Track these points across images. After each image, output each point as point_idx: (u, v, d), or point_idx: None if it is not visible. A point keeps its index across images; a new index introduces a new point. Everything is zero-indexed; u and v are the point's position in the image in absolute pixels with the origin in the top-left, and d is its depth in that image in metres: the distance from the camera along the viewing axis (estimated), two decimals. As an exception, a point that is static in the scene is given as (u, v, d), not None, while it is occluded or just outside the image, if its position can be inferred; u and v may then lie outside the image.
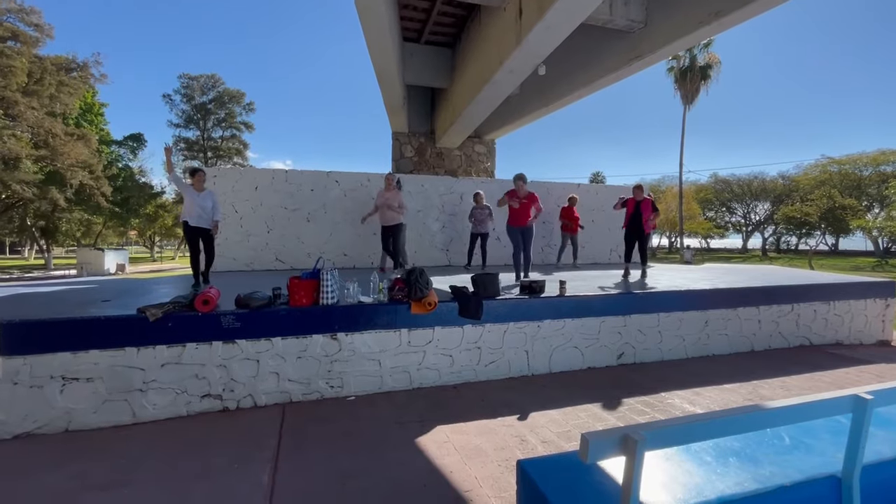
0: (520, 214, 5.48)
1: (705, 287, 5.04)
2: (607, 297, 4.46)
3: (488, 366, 3.98)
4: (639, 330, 4.51)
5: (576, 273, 6.86)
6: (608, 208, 9.09)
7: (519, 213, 5.48)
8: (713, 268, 8.70)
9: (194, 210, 4.89)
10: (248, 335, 3.35)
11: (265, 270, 7.26)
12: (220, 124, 34.26)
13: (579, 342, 4.29)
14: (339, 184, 7.73)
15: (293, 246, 7.52)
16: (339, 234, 7.70)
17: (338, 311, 3.56)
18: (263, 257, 7.39)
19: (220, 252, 5.17)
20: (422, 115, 13.93)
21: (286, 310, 3.46)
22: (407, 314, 3.70)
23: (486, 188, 8.35)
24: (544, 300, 4.20)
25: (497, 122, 13.02)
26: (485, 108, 9.85)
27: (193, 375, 3.25)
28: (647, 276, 6.12)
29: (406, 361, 3.73)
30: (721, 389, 3.76)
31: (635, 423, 1.24)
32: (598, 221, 9.23)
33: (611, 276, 6.30)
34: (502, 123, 12.94)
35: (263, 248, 7.40)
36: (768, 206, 34.96)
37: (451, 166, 14.18)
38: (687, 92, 25.47)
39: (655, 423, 1.18)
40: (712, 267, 9.09)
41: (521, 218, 5.49)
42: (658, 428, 1.14)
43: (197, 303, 3.26)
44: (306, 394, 3.49)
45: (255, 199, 7.31)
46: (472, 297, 3.90)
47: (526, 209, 5.48)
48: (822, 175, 30.22)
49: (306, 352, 3.49)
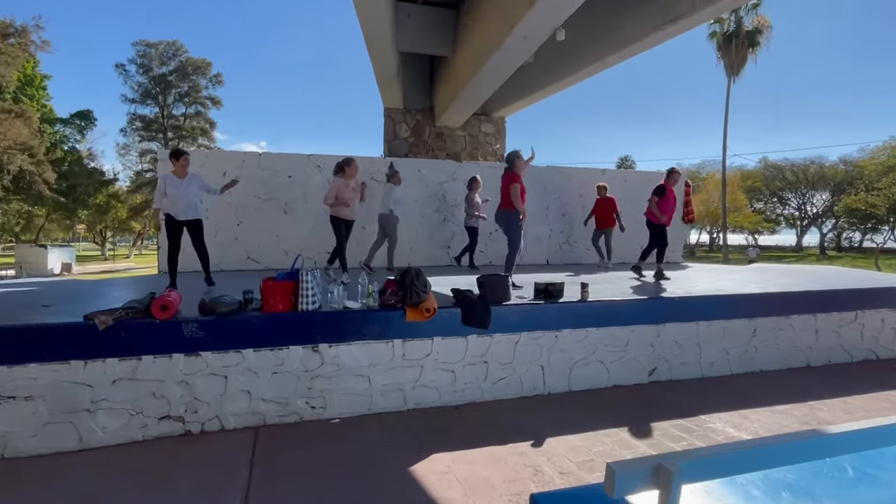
0: None
1: (753, 291, 5.03)
2: (637, 302, 4.47)
3: (497, 383, 4.00)
4: (674, 341, 4.52)
5: (601, 275, 6.88)
6: (639, 199, 9.03)
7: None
8: (763, 268, 8.69)
9: (181, 201, 4.95)
10: (214, 346, 3.35)
11: (235, 271, 7.29)
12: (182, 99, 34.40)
13: (604, 355, 4.30)
14: (321, 169, 7.74)
15: (268, 242, 7.55)
16: (321, 228, 7.68)
17: (320, 319, 3.57)
18: (232, 255, 7.42)
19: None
20: (419, 88, 13.93)
21: (259, 317, 3.47)
22: (401, 322, 3.71)
23: (494, 174, 8.32)
24: (563, 306, 4.21)
25: (507, 97, 13.01)
26: (493, 80, 9.84)
27: (150, 393, 3.26)
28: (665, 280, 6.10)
29: (400, 378, 3.74)
30: (771, 411, 3.77)
31: (670, 451, 1.23)
32: (628, 214, 9.23)
33: (639, 279, 6.31)
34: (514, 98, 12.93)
35: (232, 244, 7.43)
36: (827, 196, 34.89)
37: (453, 148, 14.19)
38: (732, 61, 25.42)
39: (694, 452, 1.17)
40: (761, 267, 9.08)
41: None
42: (697, 457, 1.13)
43: (154, 308, 3.26)
44: (283, 415, 3.50)
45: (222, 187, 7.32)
46: (478, 302, 3.90)
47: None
48: (891, 160, 30.06)
49: (283, 366, 3.50)
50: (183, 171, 5.04)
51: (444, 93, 12.56)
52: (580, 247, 9.21)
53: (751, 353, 4.81)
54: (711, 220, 35.21)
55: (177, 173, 5.04)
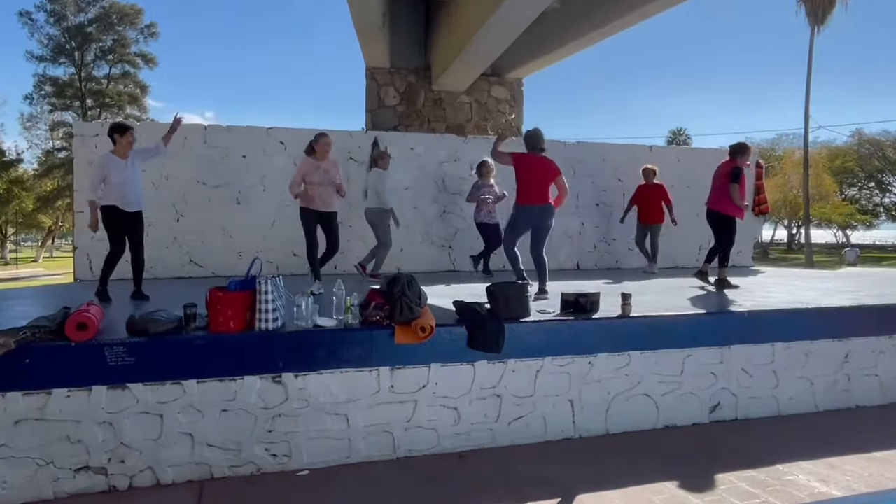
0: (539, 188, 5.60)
1: (845, 303, 5.02)
2: (695, 318, 4.47)
3: (512, 423, 3.98)
4: (743, 369, 4.51)
5: (646, 283, 6.87)
6: (695, 183, 9.02)
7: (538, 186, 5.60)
8: (857, 273, 8.73)
9: (131, 188, 5.05)
10: (146, 376, 3.34)
11: (173, 278, 7.32)
12: (105, 57, 34.53)
13: (652, 387, 4.28)
14: (285, 147, 7.78)
15: (216, 241, 7.59)
16: (286, 222, 7.69)
17: (283, 341, 3.56)
18: (170, 258, 7.44)
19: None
20: (411, 41, 13.97)
21: (204, 338, 3.45)
22: (389, 345, 3.69)
23: None
24: (598, 323, 4.20)
25: (525, 53, 13.03)
26: (507, 31, 9.86)
27: (64, 438, 3.22)
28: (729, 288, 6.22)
29: (387, 416, 3.73)
30: (869, 459, 3.73)
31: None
32: (683, 204, 9.24)
33: (698, 288, 6.33)
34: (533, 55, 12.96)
35: (170, 244, 7.46)
36: (942, 179, 34.84)
37: (456, 119, 14.21)
38: (815, 5, 25.43)
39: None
40: (855, 272, 9.09)
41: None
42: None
43: (69, 328, 3.22)
44: (235, 466, 3.48)
45: (157, 169, 7.30)
46: (488, 318, 3.87)
47: (547, 180, 5.61)
48: None
49: (235, 402, 3.47)
50: (127, 150, 5.14)
51: (443, 47, 12.57)
52: (620, 246, 9.21)
53: (842, 383, 4.79)
54: (790, 211, 35.23)
55: (119, 153, 5.12)
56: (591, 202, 9.14)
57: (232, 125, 7.77)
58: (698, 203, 8.01)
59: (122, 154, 5.13)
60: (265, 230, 7.71)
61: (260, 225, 7.70)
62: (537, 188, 5.51)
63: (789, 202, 33.91)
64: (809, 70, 26.66)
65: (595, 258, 9.20)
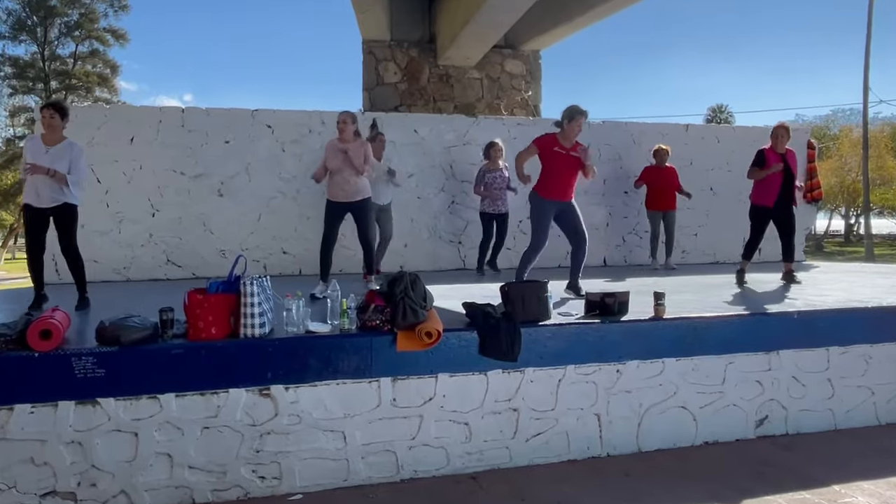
0: (565, 181, 5.59)
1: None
2: (738, 319, 4.45)
3: (531, 441, 3.98)
4: (794, 377, 4.50)
5: (681, 281, 6.84)
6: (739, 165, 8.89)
7: (562, 177, 5.59)
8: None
9: (36, 179, 4.81)
10: (118, 390, 3.34)
11: (147, 280, 7.37)
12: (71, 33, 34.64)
13: (689, 398, 4.28)
14: (272, 130, 7.79)
15: (196, 238, 7.62)
16: (274, 216, 7.75)
17: (271, 349, 3.57)
18: (145, 258, 7.49)
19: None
20: (413, 10, 13.93)
21: (183, 347, 3.46)
22: (391, 352, 3.70)
23: (524, 135, 8.25)
24: (627, 326, 4.20)
25: (543, 21, 12.97)
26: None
27: (28, 459, 3.23)
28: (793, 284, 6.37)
29: (390, 433, 3.73)
30: (940, 480, 3.73)
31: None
32: (724, 189, 9.14)
33: (741, 285, 6.30)
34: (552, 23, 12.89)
35: (146, 242, 7.50)
36: None
37: (465, 97, 14.18)
38: (876, -39, 25.09)
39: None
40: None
41: (566, 188, 5.61)
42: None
43: (31, 336, 3.23)
44: (219, 490, 3.48)
45: (130, 158, 7.39)
46: (503, 322, 3.87)
47: (573, 170, 5.59)
48: None
49: (218, 418, 3.48)
50: (52, 135, 4.92)
51: (450, 16, 12.52)
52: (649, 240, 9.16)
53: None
54: (847, 198, 34.87)
55: (45, 137, 4.92)
56: (620, 189, 9.07)
57: (213, 108, 7.77)
58: (741, 188, 8.08)
59: (48, 139, 4.88)
60: (251, 225, 7.72)
61: (245, 219, 7.71)
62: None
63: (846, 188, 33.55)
64: (869, 35, 26.35)
65: (623, 253, 9.16)
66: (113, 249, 7.37)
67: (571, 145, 5.53)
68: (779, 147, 6.43)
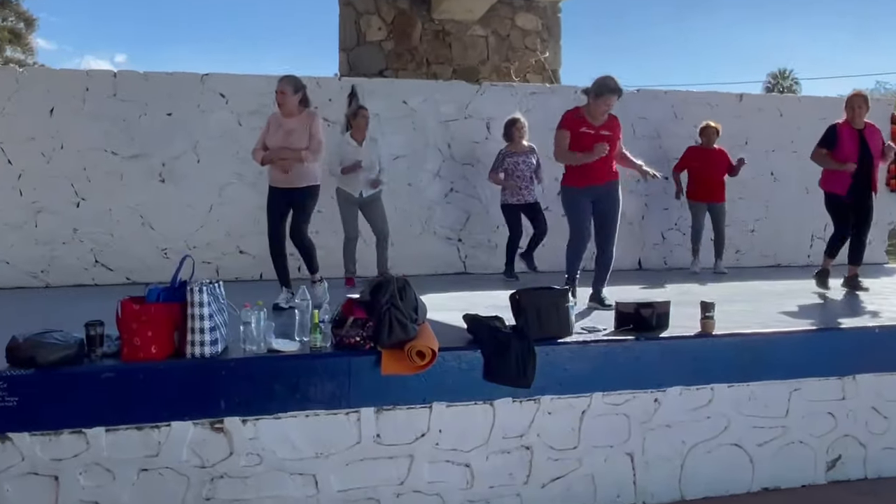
0: (597, 162, 5.33)
1: None
2: (804, 336, 4.33)
3: (548, 486, 3.78)
4: (874, 408, 4.27)
5: (727, 287, 6.61)
6: (806, 144, 7.93)
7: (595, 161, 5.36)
8: None
9: None
10: (34, 424, 3.18)
11: (71, 286, 7.01)
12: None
13: (744, 433, 4.07)
14: (226, 100, 7.34)
15: (131, 234, 7.23)
16: (228, 206, 7.31)
17: (225, 372, 3.43)
18: (68, 258, 7.12)
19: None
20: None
21: (115, 368, 3.32)
22: (374, 376, 3.53)
23: (540, 106, 7.77)
24: (668, 344, 4.04)
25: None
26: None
27: (-79, 508, 3.08)
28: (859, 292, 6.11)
29: (372, 477, 3.56)
30: None
31: None
32: (786, 176, 8.72)
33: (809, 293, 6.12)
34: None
35: (68, 239, 7.11)
36: None
37: (465, 60, 13.48)
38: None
39: None
40: None
41: (597, 169, 5.35)
42: None
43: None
44: (160, 548, 3.33)
45: (49, 134, 6.97)
46: (513, 339, 3.67)
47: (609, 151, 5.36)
48: None
49: (159, 458, 3.29)
50: None
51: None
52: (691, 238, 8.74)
53: None
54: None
55: None
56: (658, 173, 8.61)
57: (152, 71, 7.34)
58: (809, 173, 7.41)
59: None
60: (200, 217, 7.26)
61: (193, 211, 7.25)
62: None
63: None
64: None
65: (662, 254, 8.69)
66: (28, 248, 7.00)
67: (601, 123, 5.31)
68: (856, 122, 6.00)
